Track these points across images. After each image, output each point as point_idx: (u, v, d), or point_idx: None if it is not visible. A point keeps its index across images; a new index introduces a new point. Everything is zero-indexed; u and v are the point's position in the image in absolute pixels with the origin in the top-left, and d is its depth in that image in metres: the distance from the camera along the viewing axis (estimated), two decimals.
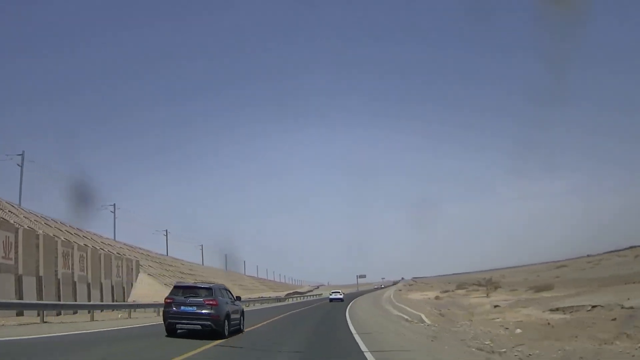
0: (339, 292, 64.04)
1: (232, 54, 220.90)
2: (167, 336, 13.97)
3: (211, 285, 15.03)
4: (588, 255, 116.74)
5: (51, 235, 33.91)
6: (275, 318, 26.56)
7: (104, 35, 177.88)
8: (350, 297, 66.41)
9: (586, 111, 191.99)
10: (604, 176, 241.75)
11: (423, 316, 27.70)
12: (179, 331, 14.15)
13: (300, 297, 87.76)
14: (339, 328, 19.96)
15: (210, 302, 13.91)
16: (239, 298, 17.84)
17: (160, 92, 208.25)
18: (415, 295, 67.25)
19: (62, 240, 34.03)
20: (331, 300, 59.83)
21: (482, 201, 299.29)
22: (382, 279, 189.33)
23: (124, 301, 39.16)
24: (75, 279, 33.04)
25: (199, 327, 13.88)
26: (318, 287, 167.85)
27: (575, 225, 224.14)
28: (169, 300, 14.16)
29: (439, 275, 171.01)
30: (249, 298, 57.00)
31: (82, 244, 38.46)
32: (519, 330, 19.34)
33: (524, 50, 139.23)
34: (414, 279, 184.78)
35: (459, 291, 68.08)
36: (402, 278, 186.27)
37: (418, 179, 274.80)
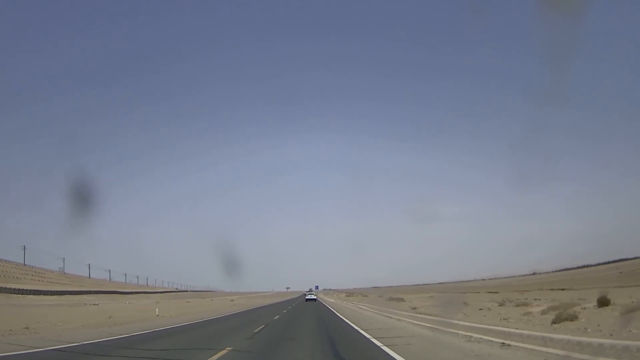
0: (313, 294, 79.52)
1: (231, 52, 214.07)
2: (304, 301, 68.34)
3: (312, 289, 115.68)
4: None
5: None
6: None
7: (97, 29, 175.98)
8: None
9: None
10: None
11: None
12: (307, 300, 68.84)
13: None
14: None
15: (314, 293, 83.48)
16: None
17: (153, 91, 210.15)
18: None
19: None
20: (307, 300, 68.50)
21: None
22: (287, 288, 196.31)
23: None
24: None
25: (313, 299, 72.08)
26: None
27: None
28: (304, 292, 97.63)
29: (357, 288, 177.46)
30: None
31: None
32: None
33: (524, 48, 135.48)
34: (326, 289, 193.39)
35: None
36: (316, 287, 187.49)
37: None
